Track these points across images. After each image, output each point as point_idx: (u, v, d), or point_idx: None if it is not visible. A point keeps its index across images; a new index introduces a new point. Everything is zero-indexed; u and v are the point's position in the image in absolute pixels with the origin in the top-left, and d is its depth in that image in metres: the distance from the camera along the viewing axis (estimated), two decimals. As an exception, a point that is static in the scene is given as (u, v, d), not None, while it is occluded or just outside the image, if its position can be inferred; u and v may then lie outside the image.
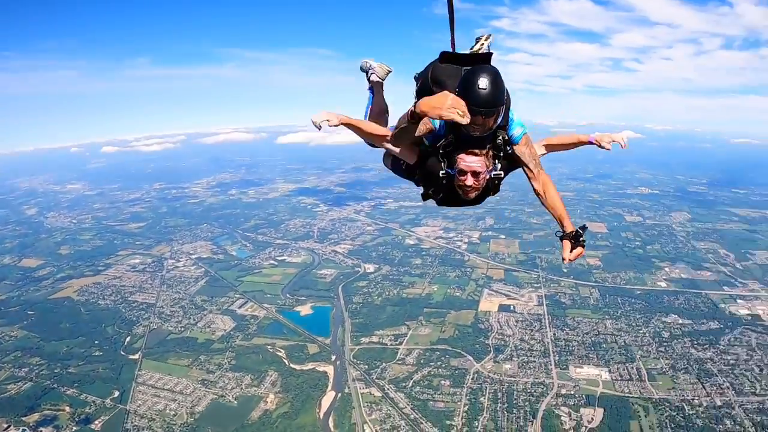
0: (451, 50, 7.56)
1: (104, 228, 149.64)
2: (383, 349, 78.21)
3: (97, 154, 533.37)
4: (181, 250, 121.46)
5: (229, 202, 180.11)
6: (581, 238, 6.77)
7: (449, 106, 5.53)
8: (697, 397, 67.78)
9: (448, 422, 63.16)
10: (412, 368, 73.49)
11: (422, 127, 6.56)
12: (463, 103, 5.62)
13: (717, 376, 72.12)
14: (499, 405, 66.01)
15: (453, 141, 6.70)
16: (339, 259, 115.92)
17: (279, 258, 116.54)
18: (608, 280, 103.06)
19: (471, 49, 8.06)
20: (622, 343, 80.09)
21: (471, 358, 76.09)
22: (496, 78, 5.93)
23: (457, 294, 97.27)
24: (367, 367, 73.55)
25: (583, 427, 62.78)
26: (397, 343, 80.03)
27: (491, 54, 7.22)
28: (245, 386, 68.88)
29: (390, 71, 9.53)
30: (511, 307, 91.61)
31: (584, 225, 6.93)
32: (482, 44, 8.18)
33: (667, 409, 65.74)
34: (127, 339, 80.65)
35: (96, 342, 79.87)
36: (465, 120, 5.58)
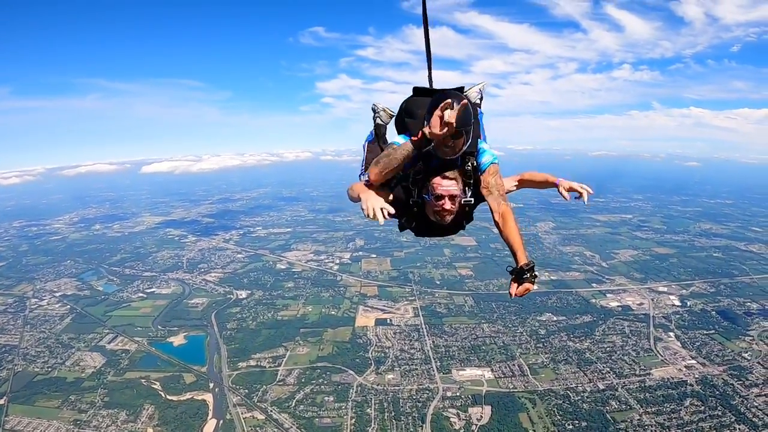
0: (424, 86, 7.93)
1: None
2: (262, 372, 76.78)
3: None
4: (44, 288, 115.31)
5: (94, 237, 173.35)
6: (525, 275, 6.41)
7: (446, 129, 6.22)
8: (580, 384, 71.24)
9: (336, 436, 62.79)
10: (293, 388, 72.50)
11: (408, 155, 6.78)
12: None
13: (596, 363, 76.49)
14: (387, 414, 66.04)
15: (423, 169, 6.90)
16: (210, 288, 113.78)
17: (148, 290, 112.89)
18: (481, 288, 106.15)
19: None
20: (501, 344, 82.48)
21: (353, 372, 75.92)
22: (466, 106, 6.32)
23: (333, 312, 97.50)
24: (247, 391, 71.90)
25: (474, 426, 63.69)
26: (276, 364, 78.88)
27: (462, 87, 8.03)
28: (121, 423, 65.52)
29: (393, 115, 9.25)
30: (388, 320, 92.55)
31: (532, 261, 6.57)
32: (471, 88, 8.66)
33: (553, 398, 68.28)
34: (-9, 384, 75.09)
35: (-43, 389, 74.25)
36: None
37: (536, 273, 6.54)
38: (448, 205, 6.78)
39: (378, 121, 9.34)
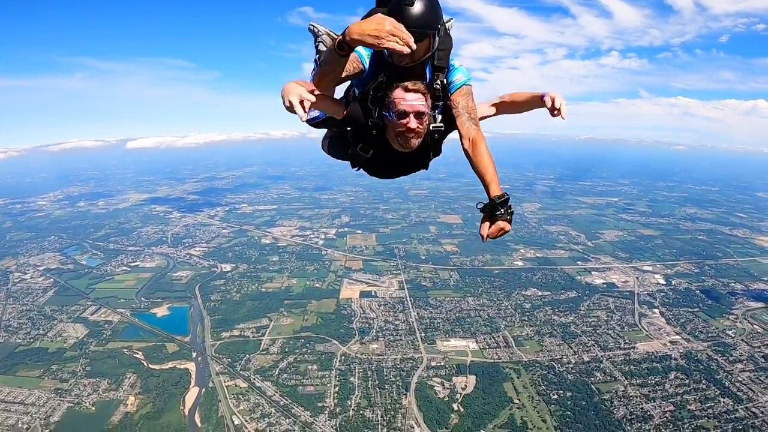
0: None
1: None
2: (245, 342, 76.74)
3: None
4: (27, 263, 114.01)
5: (78, 214, 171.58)
6: (498, 210, 5.33)
7: (388, 32, 4.62)
8: (565, 356, 71.83)
9: (319, 404, 62.57)
10: (277, 357, 72.50)
11: (350, 66, 5.57)
12: (403, 28, 4.69)
13: (581, 336, 76.99)
14: (371, 383, 66.26)
15: (384, 80, 5.73)
16: (194, 261, 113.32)
17: (132, 264, 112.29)
18: (466, 264, 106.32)
19: None
20: (486, 317, 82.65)
21: (336, 342, 76.00)
22: (431, 0, 5.22)
23: (317, 285, 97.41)
24: (230, 360, 71.78)
25: (458, 395, 64.00)
26: (260, 334, 78.86)
27: None
28: (102, 391, 65.15)
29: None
30: (373, 292, 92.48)
31: (506, 194, 5.43)
32: None
33: (538, 369, 68.85)
34: (-28, 356, 74.50)
35: (-62, 360, 73.59)
36: (406, 50, 4.70)
37: (512, 208, 5.43)
38: (413, 123, 5.67)
39: (322, 47, 7.88)
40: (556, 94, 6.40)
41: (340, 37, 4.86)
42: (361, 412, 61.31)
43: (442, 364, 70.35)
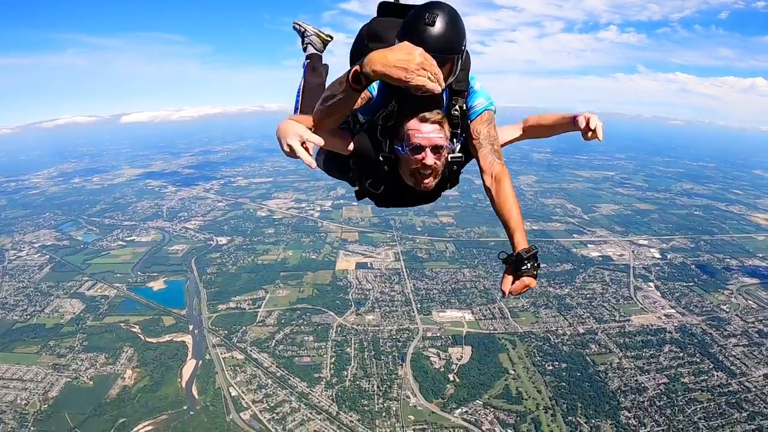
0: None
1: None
2: (242, 314, 77.06)
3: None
4: (23, 240, 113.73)
5: (73, 190, 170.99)
6: (524, 265, 4.33)
7: (419, 65, 3.82)
8: (560, 328, 72.38)
9: (316, 375, 63.12)
10: (273, 328, 72.86)
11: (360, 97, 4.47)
12: (434, 61, 3.93)
13: (576, 308, 77.49)
14: (367, 353, 66.72)
15: (395, 110, 4.84)
16: (190, 235, 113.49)
17: (127, 239, 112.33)
18: (462, 235, 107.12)
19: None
20: (482, 288, 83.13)
21: (332, 313, 76.36)
22: (454, 17, 4.40)
23: (313, 257, 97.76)
24: (226, 332, 72.13)
25: (454, 365, 64.60)
26: (256, 306, 79.13)
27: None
28: (100, 365, 65.40)
29: (330, 40, 7.63)
30: (369, 264, 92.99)
31: (534, 247, 4.49)
32: None
33: (534, 340, 69.44)
34: (-31, 334, 74.60)
35: (-65, 338, 73.61)
36: (438, 89, 3.98)
37: (538, 261, 4.49)
38: (430, 159, 4.78)
39: (310, 49, 7.44)
40: (591, 114, 5.32)
41: (357, 68, 3.96)
42: (358, 382, 61.76)
43: (438, 335, 70.73)
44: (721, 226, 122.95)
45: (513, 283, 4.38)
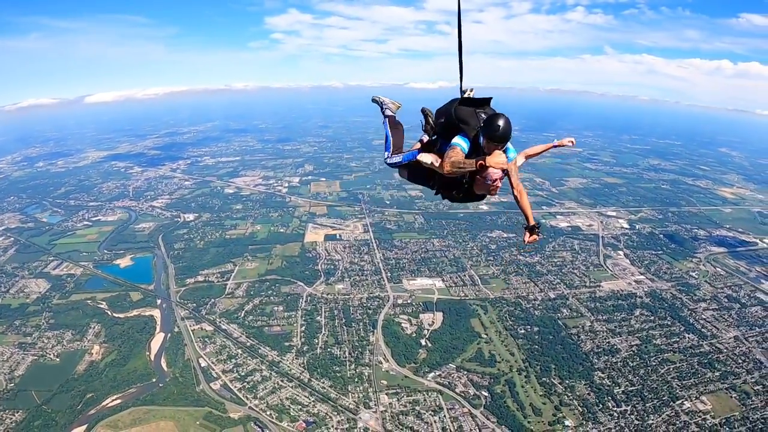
0: (462, 95, 9.71)
1: None
2: (210, 287, 76.79)
3: None
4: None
5: (37, 174, 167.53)
6: (537, 229, 8.66)
7: (504, 162, 8.10)
8: (531, 294, 73.23)
9: (286, 343, 63.17)
10: (242, 300, 72.75)
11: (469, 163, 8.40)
12: (506, 158, 8.29)
13: (547, 275, 78.35)
14: (337, 321, 66.82)
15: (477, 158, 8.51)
16: (157, 213, 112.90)
17: (93, 219, 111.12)
18: (431, 208, 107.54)
19: (462, 94, 9.86)
20: (452, 257, 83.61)
21: (302, 283, 76.47)
22: (508, 121, 8.11)
23: (282, 230, 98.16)
24: (195, 305, 71.79)
25: (425, 330, 65.06)
26: (224, 279, 79.03)
27: (491, 98, 9.40)
28: (67, 342, 64.94)
29: (399, 106, 11.76)
30: (338, 236, 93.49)
31: (539, 222, 8.81)
32: (470, 91, 10.17)
33: (505, 305, 70.13)
34: (-66, 318, 73.02)
35: None
36: (507, 167, 8.26)
37: (541, 228, 9.42)
38: (499, 183, 8.59)
39: (388, 112, 11.48)
40: (568, 138, 10.33)
41: (482, 161, 7.96)
42: (329, 349, 61.89)
43: (409, 302, 71.05)
44: (689, 199, 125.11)
45: (530, 237, 8.50)
